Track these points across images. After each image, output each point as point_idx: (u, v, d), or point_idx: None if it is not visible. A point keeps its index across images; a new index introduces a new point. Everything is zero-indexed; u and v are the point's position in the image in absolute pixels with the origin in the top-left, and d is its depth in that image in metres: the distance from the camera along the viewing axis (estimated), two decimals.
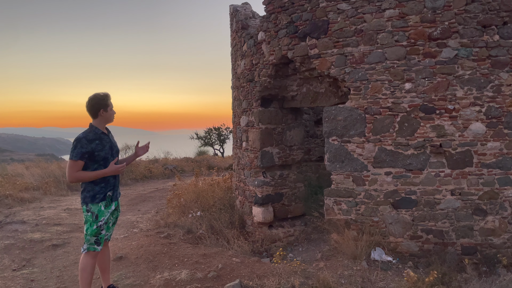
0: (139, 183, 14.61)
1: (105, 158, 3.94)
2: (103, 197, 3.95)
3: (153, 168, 16.16)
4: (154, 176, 15.68)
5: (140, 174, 15.26)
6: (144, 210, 9.92)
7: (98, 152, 3.89)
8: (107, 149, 3.99)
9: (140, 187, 13.71)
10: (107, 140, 4.05)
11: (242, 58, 7.79)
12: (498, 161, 5.26)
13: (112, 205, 4.07)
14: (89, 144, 3.85)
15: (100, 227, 3.94)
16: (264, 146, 7.18)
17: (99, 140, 3.94)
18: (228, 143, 25.90)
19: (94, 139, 3.91)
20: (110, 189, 4.02)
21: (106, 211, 3.98)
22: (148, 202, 10.90)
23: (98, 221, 3.92)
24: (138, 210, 9.97)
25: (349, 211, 5.80)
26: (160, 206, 10.13)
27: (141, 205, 10.60)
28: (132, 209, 9.99)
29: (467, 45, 5.24)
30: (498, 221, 5.27)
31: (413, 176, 5.49)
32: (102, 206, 3.95)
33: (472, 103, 5.28)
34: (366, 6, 5.61)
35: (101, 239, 3.97)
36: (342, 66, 5.84)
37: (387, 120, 5.59)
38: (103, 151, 3.94)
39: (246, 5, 8.21)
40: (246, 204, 7.60)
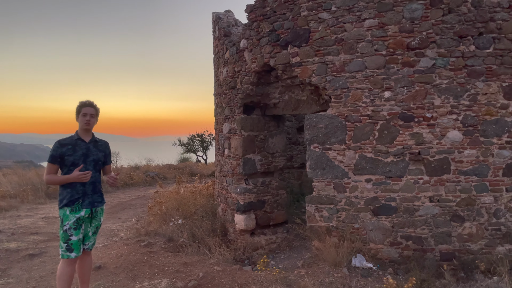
0: (120, 190, 14.39)
1: (74, 164, 3.96)
2: (67, 202, 3.94)
3: (134, 175, 15.95)
4: (135, 184, 15.47)
5: (121, 181, 15.04)
6: (125, 218, 9.76)
7: (67, 157, 3.95)
8: (79, 155, 4.00)
9: (121, 194, 13.51)
10: (83, 146, 4.06)
11: (225, 65, 7.80)
12: (474, 168, 5.38)
13: (82, 211, 3.99)
14: (60, 148, 3.96)
15: (66, 232, 3.91)
16: (247, 153, 7.18)
17: (72, 146, 4.01)
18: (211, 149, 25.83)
19: (67, 144, 4.00)
20: (79, 196, 3.98)
21: (72, 215, 3.94)
22: (129, 210, 10.74)
23: (63, 225, 3.94)
24: (118, 218, 9.80)
25: (331, 218, 5.84)
26: (141, 214, 9.99)
27: (121, 213, 10.43)
28: (112, 217, 9.82)
29: (444, 55, 5.37)
30: (475, 227, 5.37)
31: (392, 183, 5.56)
32: (68, 211, 3.94)
33: (449, 112, 5.39)
34: (346, 15, 5.69)
35: (72, 245, 3.91)
36: (323, 74, 5.90)
37: (367, 128, 5.66)
38: (73, 156, 3.97)
39: (228, 12, 8.24)
40: (228, 212, 7.56)
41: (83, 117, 4.09)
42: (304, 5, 5.98)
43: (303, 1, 5.98)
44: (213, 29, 8.74)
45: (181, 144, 26.73)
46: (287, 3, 6.17)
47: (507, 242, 5.36)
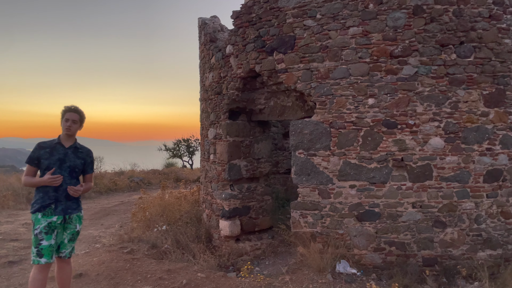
0: (103, 196, 14.20)
1: (49, 168, 3.94)
2: (39, 207, 3.90)
3: (119, 181, 15.77)
4: (119, 189, 15.29)
5: (104, 187, 14.85)
6: (108, 224, 9.63)
7: (43, 160, 3.95)
8: (54, 159, 3.97)
9: (104, 200, 13.33)
10: (61, 151, 4.03)
11: (210, 71, 7.79)
12: (456, 174, 5.47)
13: (54, 217, 3.93)
14: (38, 150, 3.98)
15: (37, 236, 3.85)
16: (232, 158, 7.16)
17: (50, 149, 4.00)
18: (197, 155, 25.70)
19: (45, 147, 4.00)
20: (51, 201, 3.93)
21: (43, 219, 3.89)
22: (112, 216, 10.60)
23: (34, 229, 3.90)
24: (101, 224, 9.67)
25: (315, 224, 5.85)
26: (124, 220, 9.87)
27: (104, 219, 10.29)
28: (95, 224, 9.67)
29: (427, 63, 5.46)
30: (457, 233, 5.45)
31: (376, 189, 5.61)
32: (39, 215, 3.90)
33: (431, 119, 5.48)
34: (331, 23, 5.75)
35: (43, 250, 3.84)
36: (308, 81, 5.94)
37: (351, 134, 5.71)
38: (48, 160, 3.95)
39: (214, 18, 8.24)
40: (213, 218, 7.52)
41: (65, 122, 4.05)
42: (289, 12, 6.03)
43: (289, 8, 6.03)
44: (199, 35, 8.73)
45: (167, 149, 26.53)
46: (273, 10, 6.21)
47: (488, 247, 5.45)
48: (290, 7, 6.02)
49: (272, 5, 6.22)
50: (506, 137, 5.53)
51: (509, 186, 5.54)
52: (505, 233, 5.50)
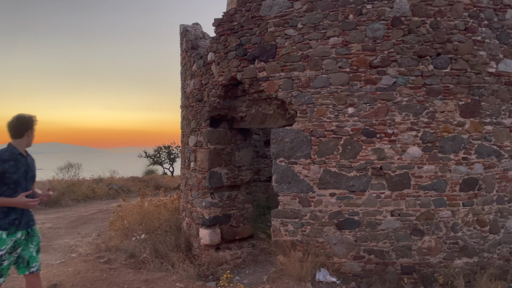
0: (80, 204, 13.89)
1: (17, 182, 3.65)
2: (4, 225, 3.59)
3: (97, 188, 15.46)
4: (97, 197, 14.99)
5: (82, 194, 14.54)
6: (85, 233, 9.42)
7: (10, 175, 3.60)
8: (22, 172, 3.69)
9: (81, 208, 13.04)
10: (24, 162, 3.75)
11: (192, 78, 7.75)
12: (433, 183, 5.56)
13: (18, 233, 3.70)
14: (2, 164, 3.58)
15: (1, 257, 3.57)
16: (213, 166, 7.12)
17: (15, 162, 3.66)
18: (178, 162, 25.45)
19: (9, 160, 3.63)
20: (17, 216, 3.66)
21: (9, 239, 3.62)
22: (90, 225, 10.37)
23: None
24: (78, 233, 9.45)
25: (295, 232, 5.85)
26: (102, 229, 9.66)
27: (81, 227, 10.06)
28: (71, 232, 9.45)
29: (405, 74, 5.56)
30: (434, 241, 5.53)
31: (356, 197, 5.66)
32: (4, 234, 3.60)
33: (409, 128, 5.57)
34: (312, 32, 5.81)
35: (3, 270, 3.59)
36: (289, 89, 5.97)
37: (332, 143, 5.76)
38: (16, 174, 3.64)
39: (196, 25, 8.23)
40: (193, 226, 7.44)
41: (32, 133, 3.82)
42: (271, 21, 6.07)
43: (270, 17, 6.07)
44: (180, 41, 8.70)
45: (147, 156, 26.21)
46: (255, 19, 6.24)
47: (464, 255, 5.54)
48: (271, 16, 6.06)
49: (253, 14, 6.25)
50: (481, 146, 5.66)
51: (484, 194, 5.66)
52: (480, 241, 5.61)
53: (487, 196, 5.67)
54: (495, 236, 5.67)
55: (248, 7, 6.32)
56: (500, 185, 5.74)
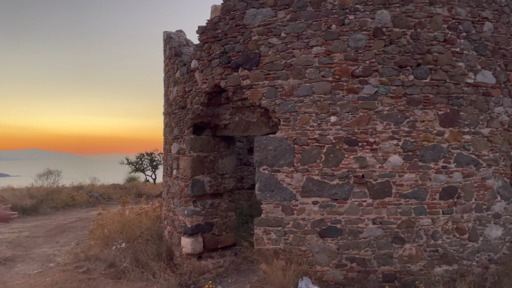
0: (59, 212, 13.60)
1: None
2: None
3: (77, 196, 15.16)
4: (77, 205, 14.70)
5: (61, 202, 14.24)
6: (63, 242, 9.21)
7: None
8: None
9: (60, 216, 12.76)
10: None
11: (175, 85, 7.71)
12: (414, 191, 5.64)
13: None
14: None
15: None
16: (195, 174, 7.06)
17: None
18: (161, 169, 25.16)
19: None
20: None
21: None
22: (69, 233, 10.15)
23: None
24: (56, 242, 9.24)
25: (278, 241, 5.83)
26: (81, 238, 9.47)
27: (60, 236, 9.84)
28: (49, 241, 9.22)
29: (386, 83, 5.65)
30: (415, 249, 5.59)
31: (338, 206, 5.68)
32: None
33: (390, 137, 5.65)
34: (295, 42, 5.86)
35: None
36: (273, 97, 5.99)
37: (314, 151, 5.78)
38: None
39: (180, 32, 8.21)
40: (175, 235, 7.34)
41: None
42: (255, 29, 6.09)
43: (254, 26, 6.09)
44: (164, 48, 8.66)
45: (129, 163, 25.84)
46: (239, 27, 6.26)
47: (444, 263, 5.62)
48: (255, 25, 6.09)
49: (237, 22, 6.27)
50: (460, 155, 5.78)
51: (464, 203, 5.76)
52: (460, 249, 5.69)
53: (466, 204, 5.77)
54: (474, 244, 5.77)
55: (232, 15, 6.34)
56: (479, 193, 5.86)
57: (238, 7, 6.26)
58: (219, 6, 6.54)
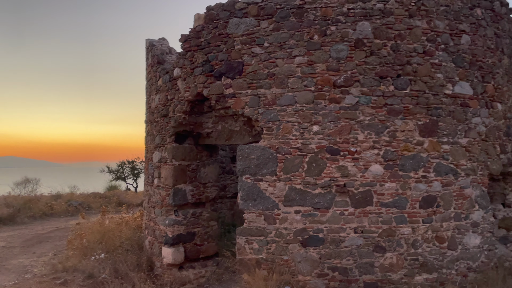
0: (37, 221, 13.27)
1: None
2: None
3: (55, 205, 14.83)
4: (55, 214, 14.37)
5: (39, 211, 13.90)
6: (41, 252, 8.97)
7: None
8: None
9: (38, 226, 12.44)
10: None
11: (157, 93, 7.65)
12: (394, 200, 5.70)
13: None
14: None
15: None
16: (177, 183, 6.99)
17: None
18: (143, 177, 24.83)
19: None
20: None
21: None
22: (46, 243, 9.90)
23: None
24: (33, 252, 8.99)
25: (260, 250, 5.80)
26: (59, 248, 9.24)
27: (37, 246, 9.59)
28: (26, 252, 8.98)
29: (367, 93, 5.73)
30: (396, 258, 5.63)
31: (320, 215, 5.70)
32: None
33: (371, 146, 5.71)
34: (278, 51, 5.90)
35: None
36: (256, 106, 6.00)
37: (297, 160, 5.80)
38: None
39: (163, 40, 8.18)
40: (155, 245, 7.23)
41: None
42: (238, 38, 6.11)
43: (237, 35, 6.11)
44: (146, 56, 8.60)
45: (110, 171, 25.45)
46: (222, 36, 6.27)
47: (424, 271, 5.67)
48: (238, 34, 6.11)
49: (221, 31, 6.28)
50: (439, 165, 5.88)
51: (443, 211, 5.85)
52: (439, 257, 5.76)
53: (445, 213, 5.86)
54: (453, 252, 5.85)
55: (215, 24, 6.35)
56: (457, 202, 5.96)
57: (221, 16, 6.28)
58: (202, 15, 6.55)
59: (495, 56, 6.51)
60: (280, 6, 5.92)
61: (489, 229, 6.22)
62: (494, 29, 6.54)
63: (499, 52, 6.60)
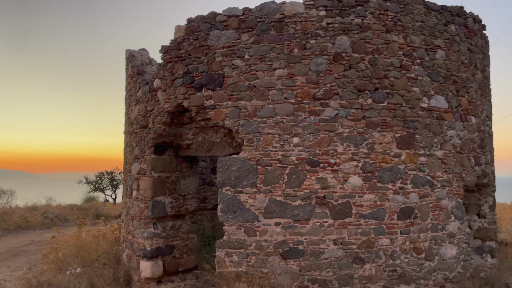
0: (12, 234, 12.86)
1: None
2: None
3: (31, 217, 14.42)
4: (31, 226, 13.96)
5: (14, 223, 13.48)
6: (15, 266, 8.69)
7: None
8: None
9: (13, 239, 12.06)
10: None
11: (137, 104, 7.58)
12: (373, 212, 5.76)
13: None
14: None
15: None
16: (156, 195, 6.90)
17: None
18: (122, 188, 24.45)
19: None
20: None
21: None
22: (21, 257, 9.60)
23: None
24: (7, 266, 8.70)
25: (240, 263, 5.76)
26: (34, 262, 8.97)
27: (11, 260, 9.28)
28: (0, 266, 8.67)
29: (346, 106, 5.81)
30: (375, 269, 5.68)
31: (300, 226, 5.71)
32: None
33: (350, 158, 5.78)
34: (258, 64, 5.94)
35: None
36: (236, 118, 6.01)
37: (277, 172, 5.82)
38: None
39: (143, 51, 8.14)
40: (133, 258, 7.09)
41: None
42: (218, 50, 6.14)
43: (218, 47, 6.14)
44: (126, 66, 8.53)
45: (88, 182, 24.96)
46: (202, 48, 6.29)
47: (403, 282, 5.73)
48: (219, 46, 6.14)
49: (201, 43, 6.30)
50: (416, 176, 5.98)
51: (420, 223, 5.94)
52: (417, 268, 5.83)
53: (423, 224, 5.96)
54: (430, 263, 5.94)
55: (196, 36, 6.37)
56: (434, 213, 6.07)
57: (202, 28, 6.30)
58: (183, 27, 6.56)
59: (469, 71, 6.72)
60: (261, 20, 5.99)
61: (465, 240, 6.34)
62: (468, 44, 6.76)
63: (473, 67, 6.81)
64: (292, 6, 5.95)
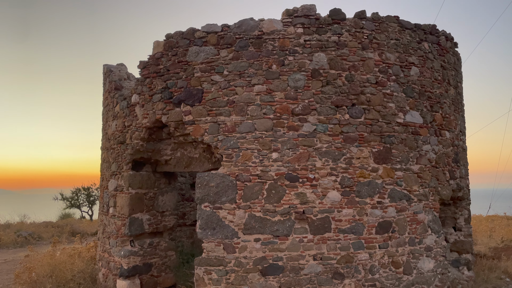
0: None
1: None
2: None
3: (3, 235, 13.91)
4: (3, 245, 13.46)
5: None
6: None
7: None
8: None
9: None
10: None
11: (114, 119, 7.48)
12: (352, 226, 5.79)
13: None
14: None
15: None
16: (134, 212, 6.78)
17: None
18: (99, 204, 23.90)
19: None
20: None
21: None
22: None
23: None
24: None
25: (219, 281, 5.67)
26: (6, 282, 8.61)
27: None
28: None
29: (324, 122, 5.88)
30: (354, 284, 5.68)
31: (280, 242, 5.68)
32: None
33: (329, 173, 5.82)
34: (237, 80, 5.97)
35: None
36: (215, 133, 5.99)
37: (257, 187, 5.80)
38: None
39: (121, 66, 8.07)
40: (110, 277, 6.90)
41: None
42: (197, 66, 6.14)
43: (197, 63, 6.15)
44: (103, 81, 8.43)
45: (64, 199, 24.31)
46: (181, 63, 6.28)
47: None
48: (198, 62, 6.15)
49: (180, 59, 6.29)
50: (394, 191, 6.07)
51: (398, 237, 6.00)
52: (396, 282, 5.87)
53: (400, 238, 6.02)
54: (408, 277, 5.98)
55: (175, 51, 6.36)
56: (411, 227, 6.14)
57: (181, 44, 6.31)
58: (162, 42, 6.55)
59: (442, 87, 6.91)
60: (239, 36, 6.04)
61: (441, 253, 6.43)
62: (441, 61, 6.97)
63: (446, 83, 7.02)
64: (270, 23, 6.03)
